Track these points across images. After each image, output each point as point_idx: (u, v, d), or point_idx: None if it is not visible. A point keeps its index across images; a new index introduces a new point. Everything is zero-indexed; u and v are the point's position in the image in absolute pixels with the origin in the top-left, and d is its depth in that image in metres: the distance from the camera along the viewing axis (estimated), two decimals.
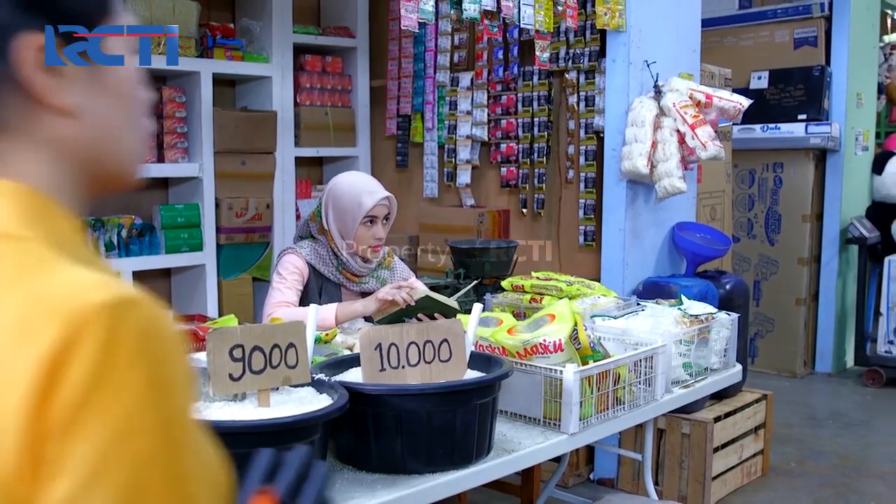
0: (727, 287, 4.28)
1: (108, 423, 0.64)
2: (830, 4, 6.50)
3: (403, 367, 2.12)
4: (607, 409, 2.56)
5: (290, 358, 1.96)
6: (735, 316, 3.18)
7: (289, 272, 3.10)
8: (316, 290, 3.14)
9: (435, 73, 5.50)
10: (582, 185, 4.73)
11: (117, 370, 0.65)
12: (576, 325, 2.48)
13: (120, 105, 0.88)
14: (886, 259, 6.31)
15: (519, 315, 3.11)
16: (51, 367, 0.63)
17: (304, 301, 3.09)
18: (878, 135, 7.41)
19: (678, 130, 4.03)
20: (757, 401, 4.49)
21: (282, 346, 1.95)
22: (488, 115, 5.25)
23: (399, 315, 2.92)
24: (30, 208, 0.77)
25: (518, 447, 2.33)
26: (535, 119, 4.99)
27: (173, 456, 0.67)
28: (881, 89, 7.30)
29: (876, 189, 6.82)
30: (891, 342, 6.24)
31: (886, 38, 7.48)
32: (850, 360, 6.82)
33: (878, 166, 6.81)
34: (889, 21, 7.70)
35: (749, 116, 5.71)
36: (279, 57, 5.16)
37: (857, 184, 6.77)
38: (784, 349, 6.58)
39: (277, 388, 1.98)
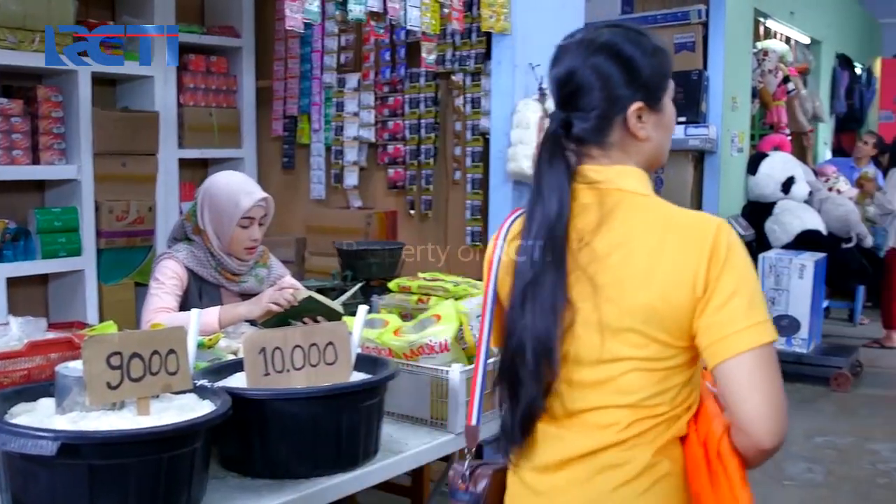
0: None
1: (738, 264, 1.43)
2: (707, 12, 6.73)
3: (288, 370, 2.10)
4: (493, 407, 2.59)
5: (170, 364, 1.92)
6: None
7: (167, 277, 3.04)
8: (196, 293, 3.08)
9: (322, 74, 5.47)
10: (469, 187, 4.77)
11: (736, 243, 1.44)
12: (461, 325, 2.51)
13: (666, 133, 1.63)
14: (760, 256, 6.58)
15: (406, 316, 3.11)
16: (713, 243, 1.43)
17: (183, 306, 3.02)
18: (752, 137, 7.72)
19: None
20: None
21: (162, 352, 1.90)
22: (375, 116, 5.25)
23: (284, 318, 2.89)
24: (644, 181, 1.57)
25: (405, 448, 2.34)
26: (422, 121, 5.02)
27: (755, 276, 1.46)
28: (755, 93, 7.61)
29: (750, 189, 7.11)
30: None
31: (759, 45, 7.79)
32: None
33: (753, 167, 7.09)
34: (762, 28, 8.02)
35: None
36: (162, 57, 5.04)
37: (733, 184, 7.03)
38: None
39: (158, 396, 1.94)
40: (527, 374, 1.53)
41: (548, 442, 1.56)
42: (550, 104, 4.10)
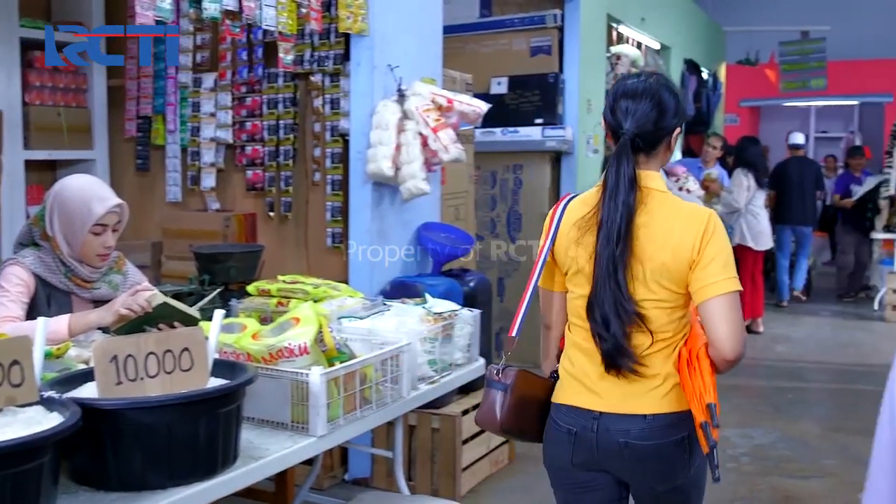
0: (471, 284, 4.44)
1: (719, 239, 2.14)
2: (563, 16, 6.91)
3: (142, 378, 2.04)
4: (355, 409, 2.59)
5: (13, 376, 1.83)
6: (477, 312, 3.32)
7: (12, 284, 2.90)
8: (44, 300, 2.95)
9: (177, 73, 5.33)
10: (329, 188, 4.75)
11: (719, 225, 2.16)
12: (321, 327, 2.49)
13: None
14: None
15: (266, 320, 3.08)
16: (706, 225, 2.14)
17: (31, 314, 2.89)
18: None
19: (421, 133, 4.14)
20: None
21: (4, 363, 1.82)
22: (233, 117, 5.16)
23: (137, 324, 2.81)
24: (662, 181, 2.26)
25: (266, 453, 2.31)
26: (281, 121, 4.96)
27: (729, 247, 2.14)
28: None
29: None
30: None
31: (613, 49, 8.03)
32: None
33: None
34: (615, 33, 8.28)
35: (491, 120, 5.96)
36: (4, 53, 4.81)
37: (590, 184, 7.12)
38: (528, 341, 6.83)
39: (1, 410, 1.85)
40: (608, 307, 2.19)
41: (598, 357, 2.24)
42: (409, 104, 4.14)
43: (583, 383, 2.29)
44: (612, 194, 2.18)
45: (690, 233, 2.15)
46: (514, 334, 2.45)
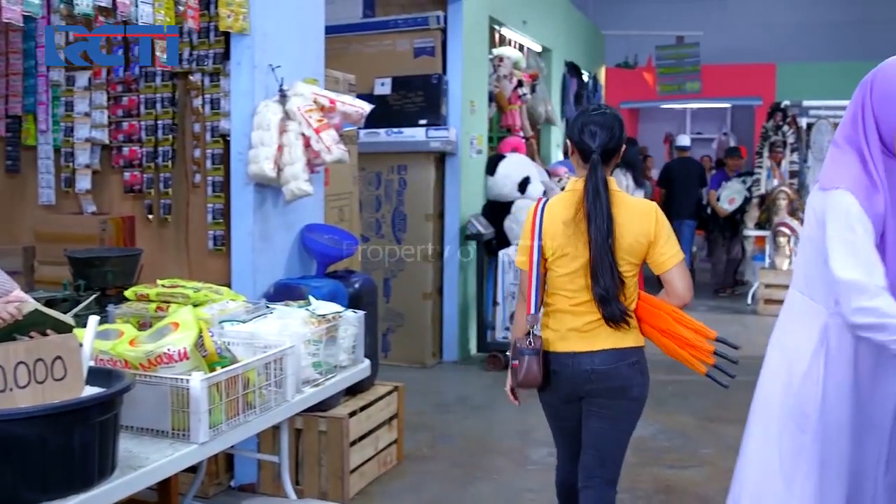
0: (356, 286, 4.42)
1: (665, 225, 2.92)
2: (446, 18, 6.95)
3: (11, 389, 1.97)
4: (238, 414, 2.55)
5: None
6: (362, 313, 3.31)
7: None
8: None
9: (48, 71, 5.13)
10: (210, 190, 4.66)
11: (661, 214, 2.94)
12: (201, 331, 2.45)
13: None
14: (501, 253, 6.88)
15: (145, 325, 3.00)
16: (655, 216, 2.92)
17: None
18: (490, 139, 8.04)
19: (303, 134, 4.10)
20: (389, 393, 4.69)
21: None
22: (109, 116, 5.00)
23: (8, 333, 2.69)
24: (615, 184, 2.96)
25: (145, 462, 2.26)
26: (159, 122, 4.84)
27: (671, 228, 2.94)
28: (492, 97, 7.93)
29: (489, 189, 7.41)
30: (507, 329, 6.81)
31: (495, 51, 8.13)
32: (473, 347, 7.34)
33: (491, 168, 7.40)
34: (497, 36, 8.38)
35: (375, 121, 5.95)
36: None
37: (473, 184, 7.30)
38: (414, 342, 6.94)
39: None
40: (607, 278, 2.86)
41: (590, 313, 2.94)
42: (291, 105, 4.09)
43: (566, 338, 2.99)
44: (595, 195, 2.87)
45: (646, 222, 2.92)
46: (533, 311, 3.02)
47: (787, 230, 9.52)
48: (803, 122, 10.70)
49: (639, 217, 2.92)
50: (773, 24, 15.22)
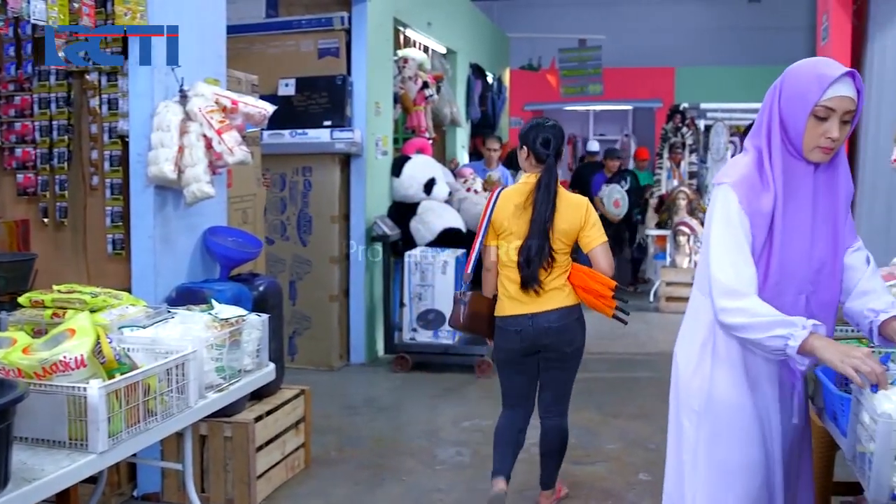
0: (260, 289, 4.36)
1: (593, 213, 3.89)
2: (350, 19, 6.92)
3: None
4: (139, 422, 2.49)
5: None
6: (266, 317, 3.27)
7: None
8: None
9: None
10: (108, 192, 4.53)
11: (591, 206, 3.93)
12: (99, 338, 2.38)
13: None
14: (406, 254, 6.88)
15: (40, 332, 2.91)
16: (586, 208, 3.88)
17: None
18: (395, 140, 8.04)
19: (205, 135, 4.03)
20: (296, 396, 4.64)
21: None
22: (0, 117, 4.82)
23: None
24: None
25: (41, 474, 2.19)
26: (54, 122, 4.68)
27: (598, 217, 3.95)
28: (397, 99, 7.93)
29: (395, 190, 7.41)
30: (414, 330, 6.82)
31: (400, 52, 8.12)
32: (380, 349, 7.33)
33: (397, 169, 7.40)
34: (402, 37, 8.38)
35: (279, 122, 5.89)
36: None
37: (379, 186, 7.29)
38: (321, 344, 6.89)
39: None
40: (534, 252, 3.74)
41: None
42: (192, 105, 4.02)
43: (518, 300, 3.86)
44: (546, 188, 3.77)
45: (579, 212, 3.85)
46: (469, 271, 4.05)
47: (686, 229, 9.77)
48: (701, 123, 11.03)
49: (573, 208, 3.85)
50: (673, 29, 15.60)
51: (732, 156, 10.67)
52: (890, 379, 2.08)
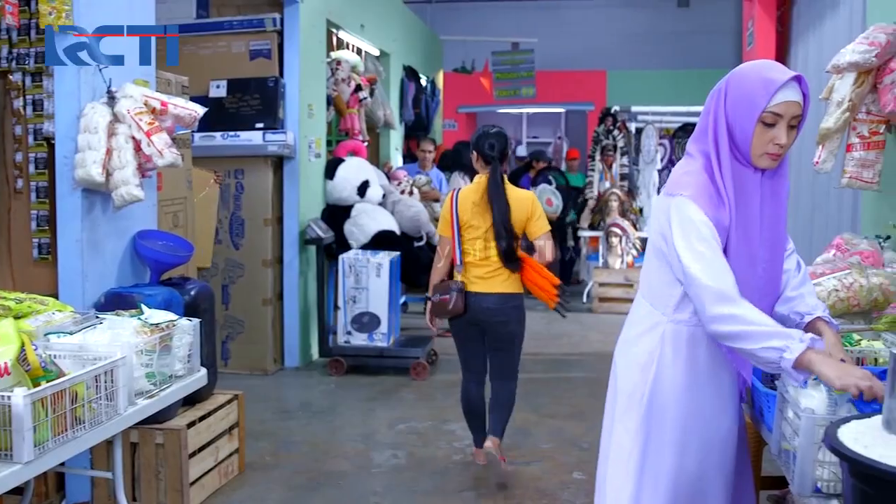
0: (192, 293, 4.30)
1: (539, 206, 4.59)
2: (282, 20, 6.86)
3: None
4: (66, 430, 2.43)
5: None
6: (197, 321, 3.23)
7: None
8: None
9: None
10: (33, 195, 4.42)
11: (537, 200, 4.66)
12: (23, 345, 2.32)
13: None
14: (340, 257, 6.85)
15: None
16: (533, 202, 4.57)
17: None
18: (329, 143, 8.00)
19: (134, 137, 3.96)
20: (229, 401, 4.58)
21: None
22: None
23: None
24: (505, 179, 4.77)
25: None
26: None
27: (542, 210, 4.66)
28: (330, 101, 7.89)
29: (329, 193, 7.37)
30: (349, 333, 6.79)
31: (333, 55, 8.09)
32: (315, 353, 7.29)
33: (330, 172, 7.36)
34: (335, 39, 8.34)
35: (210, 124, 5.81)
36: None
37: (312, 188, 7.24)
38: (255, 348, 6.82)
39: None
40: (507, 240, 4.43)
41: (487, 266, 4.50)
42: (120, 107, 3.95)
43: (473, 281, 4.53)
44: (496, 186, 4.46)
45: (527, 205, 4.52)
46: (457, 262, 4.58)
47: (618, 230, 9.90)
48: (632, 126, 11.17)
49: (522, 202, 4.52)
50: (604, 32, 15.80)
51: (662, 158, 10.89)
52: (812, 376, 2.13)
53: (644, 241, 10.13)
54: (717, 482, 2.47)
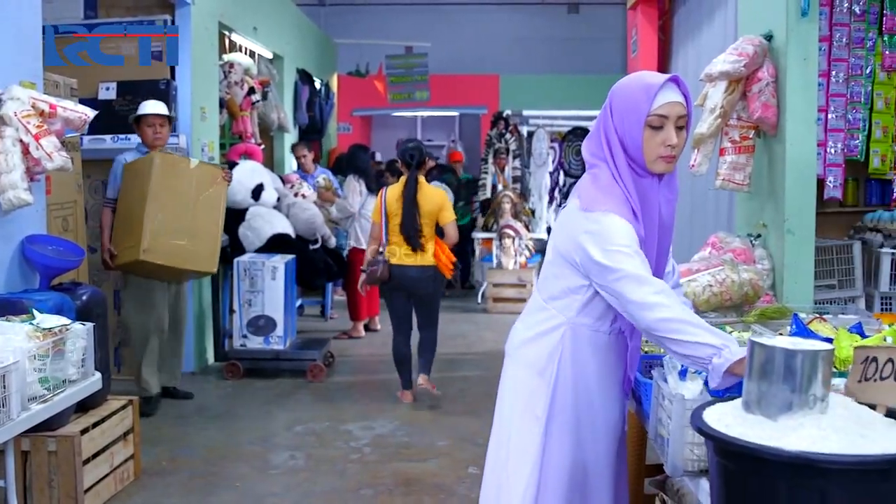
0: (83, 298, 4.26)
1: (448, 199, 6.44)
2: (173, 22, 6.80)
3: None
4: None
5: None
6: (90, 325, 3.22)
7: None
8: None
9: None
10: None
11: (446, 195, 6.84)
12: None
13: None
14: (235, 260, 6.84)
15: None
16: (443, 196, 6.38)
17: None
18: (222, 146, 7.96)
19: (21, 140, 3.91)
20: (123, 407, 4.55)
21: None
22: None
23: None
24: (423, 179, 6.70)
25: None
26: None
27: (450, 203, 6.70)
28: (223, 104, 7.85)
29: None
30: (245, 336, 6.78)
31: (225, 57, 8.05)
32: (210, 357, 7.24)
33: None
34: (227, 41, 8.30)
35: (100, 127, 5.73)
36: None
37: None
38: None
39: None
40: (411, 227, 6.05)
41: (407, 245, 6.08)
42: (6, 109, 3.89)
43: (398, 256, 5.97)
44: (411, 186, 5.99)
45: (437, 199, 6.05)
46: (383, 241, 6.06)
47: (511, 232, 10.11)
48: (524, 130, 11.42)
49: (433, 197, 6.13)
50: (496, 37, 16.06)
51: (553, 161, 11.17)
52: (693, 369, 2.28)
53: (536, 242, 10.39)
54: (606, 471, 2.59)
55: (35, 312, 3.11)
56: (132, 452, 4.63)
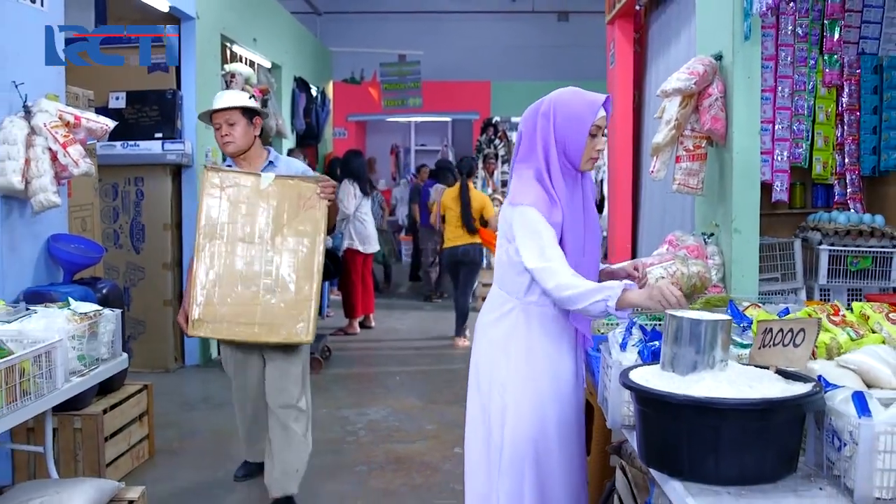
0: (104, 291, 4.67)
1: (488, 201, 8.88)
2: (179, 35, 7.21)
3: None
4: (16, 400, 2.85)
5: None
6: (118, 311, 3.65)
7: None
8: None
9: None
10: None
11: (487, 198, 9.07)
12: None
13: None
14: None
15: None
16: (484, 198, 8.67)
17: None
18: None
19: (50, 149, 4.31)
20: (139, 391, 4.98)
21: None
22: None
23: None
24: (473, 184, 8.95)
25: None
26: None
27: (491, 203, 8.69)
28: None
29: None
30: None
31: (227, 67, 8.46)
32: (215, 351, 7.64)
33: None
34: (229, 52, 8.72)
35: (111, 134, 6.13)
36: None
37: None
38: (156, 347, 7.15)
39: None
40: (469, 219, 8.57)
41: (460, 229, 8.50)
42: (37, 120, 4.30)
43: (451, 238, 8.59)
44: (465, 189, 8.47)
45: (481, 200, 8.55)
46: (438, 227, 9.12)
47: None
48: (513, 135, 11.86)
49: (478, 197, 8.49)
50: (487, 45, 16.51)
51: None
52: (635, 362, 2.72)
53: None
54: (566, 430, 2.94)
55: (71, 300, 3.54)
56: (147, 433, 5.06)
